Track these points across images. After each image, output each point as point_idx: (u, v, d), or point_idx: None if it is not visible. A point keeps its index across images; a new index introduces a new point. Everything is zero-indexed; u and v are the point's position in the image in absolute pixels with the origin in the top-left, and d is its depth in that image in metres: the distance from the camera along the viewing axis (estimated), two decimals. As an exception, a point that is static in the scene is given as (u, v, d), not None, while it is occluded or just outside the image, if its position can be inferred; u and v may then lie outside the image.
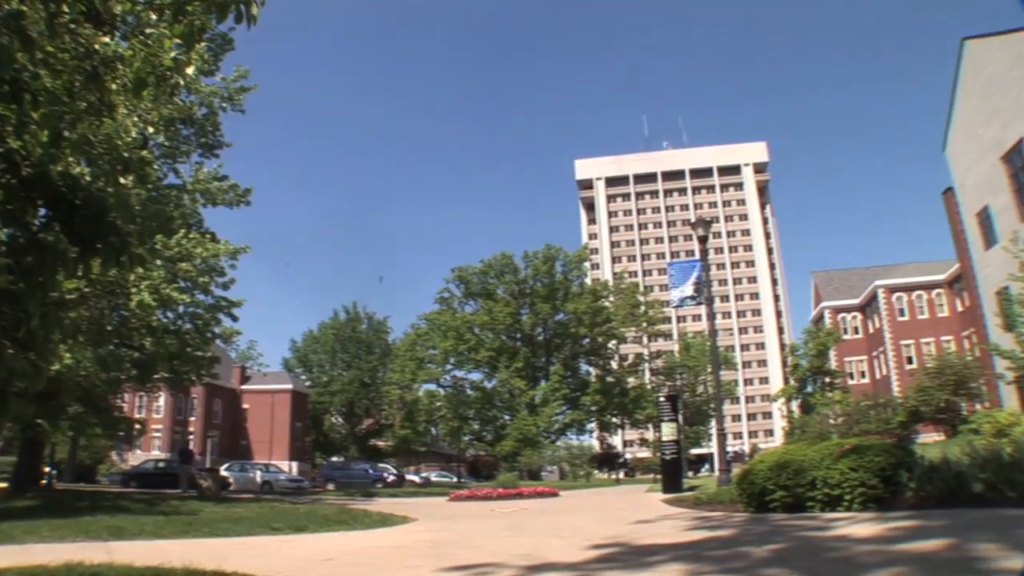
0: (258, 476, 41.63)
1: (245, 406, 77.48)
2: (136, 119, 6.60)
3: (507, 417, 63.68)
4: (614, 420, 68.71)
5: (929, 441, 39.26)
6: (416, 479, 54.67)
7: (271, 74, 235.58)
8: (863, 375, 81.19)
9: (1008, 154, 40.63)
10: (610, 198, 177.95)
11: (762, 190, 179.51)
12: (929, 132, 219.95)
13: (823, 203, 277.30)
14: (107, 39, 5.49)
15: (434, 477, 60.06)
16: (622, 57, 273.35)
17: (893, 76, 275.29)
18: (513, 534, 11.16)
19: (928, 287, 76.27)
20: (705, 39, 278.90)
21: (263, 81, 31.62)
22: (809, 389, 67.71)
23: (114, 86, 5.60)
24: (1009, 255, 30.12)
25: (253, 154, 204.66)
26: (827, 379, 67.57)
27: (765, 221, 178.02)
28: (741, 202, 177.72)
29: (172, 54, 5.54)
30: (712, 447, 78.16)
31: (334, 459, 66.40)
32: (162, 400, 68.03)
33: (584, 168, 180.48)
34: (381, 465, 54.73)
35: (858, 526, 7.52)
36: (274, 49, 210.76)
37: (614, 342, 70.49)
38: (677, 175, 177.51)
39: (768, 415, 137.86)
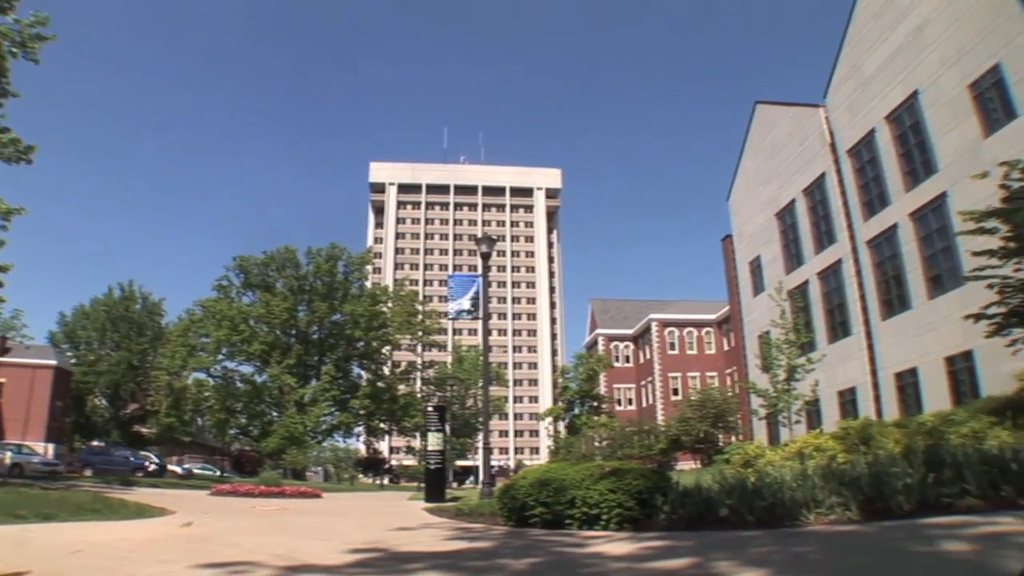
0: (7, 457, 38.40)
1: (1, 380, 72.13)
2: None
3: (275, 414, 61.58)
4: (382, 426, 67.90)
5: (686, 468, 41.54)
6: (178, 470, 52.38)
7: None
8: (631, 402, 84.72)
9: (781, 212, 44.40)
10: (401, 204, 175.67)
11: (551, 215, 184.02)
12: (717, 182, 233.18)
13: (609, 235, 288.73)
14: None
15: (197, 469, 57.78)
16: (433, 67, 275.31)
17: (690, 127, 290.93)
18: (273, 533, 10.81)
19: (699, 325, 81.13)
20: (517, 64, 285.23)
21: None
22: (576, 411, 70.00)
23: None
24: (773, 303, 32.55)
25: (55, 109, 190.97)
26: (594, 403, 70.05)
27: (551, 245, 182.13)
28: (529, 224, 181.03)
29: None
30: (478, 460, 79.24)
31: (94, 443, 62.31)
32: None
33: (379, 171, 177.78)
34: (143, 453, 51.93)
35: (613, 544, 7.73)
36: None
37: (388, 348, 69.77)
38: (470, 190, 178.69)
39: (536, 433, 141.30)
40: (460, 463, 77.98)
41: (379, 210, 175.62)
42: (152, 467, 46.03)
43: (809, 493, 8.40)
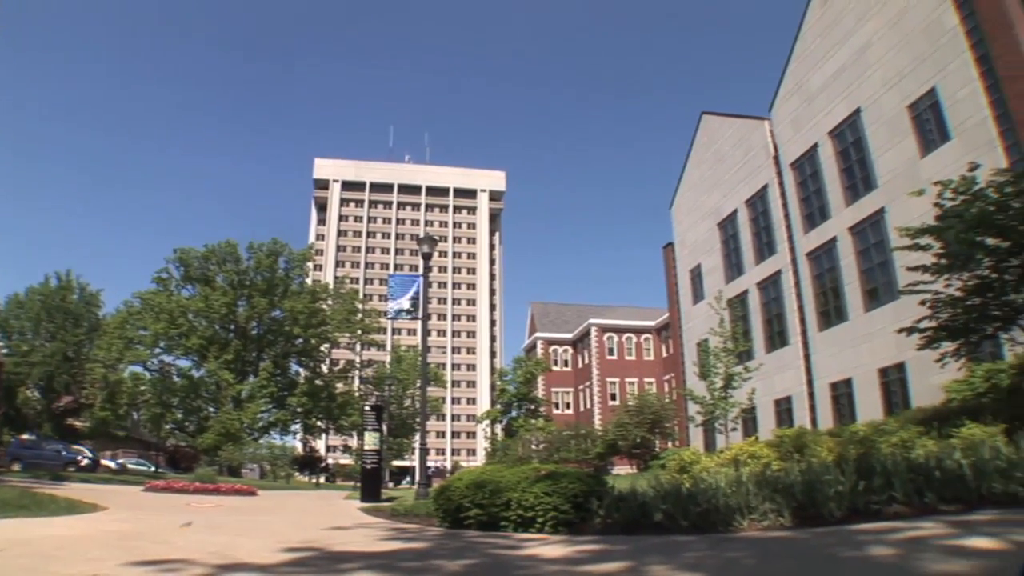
0: (-73, 451, 37.25)
1: (-74, 370, 70.06)
2: None
3: (212, 409, 60.58)
4: (319, 424, 67.13)
5: (623, 473, 41.83)
6: (112, 465, 51.14)
7: None
8: (568, 406, 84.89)
9: (723, 221, 45.04)
10: (344, 202, 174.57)
11: (494, 217, 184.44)
12: (660, 190, 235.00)
13: (551, 239, 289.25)
14: None
15: (131, 464, 56.42)
16: (381, 65, 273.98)
17: (635, 135, 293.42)
18: (207, 531, 10.61)
19: (638, 331, 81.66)
20: (465, 65, 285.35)
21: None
22: (514, 414, 69.61)
23: None
24: (712, 311, 32.97)
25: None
26: (532, 406, 69.93)
27: (493, 247, 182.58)
28: (472, 226, 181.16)
29: None
30: (415, 460, 78.61)
31: (24, 436, 60.97)
32: None
33: (322, 168, 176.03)
34: (76, 447, 50.54)
35: (548, 547, 7.74)
36: None
37: (327, 346, 69.25)
38: (414, 190, 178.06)
39: (473, 435, 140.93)
40: (397, 463, 77.38)
41: (322, 207, 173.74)
42: (85, 462, 44.81)
43: (743, 499, 8.53)
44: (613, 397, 77.19)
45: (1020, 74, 25.14)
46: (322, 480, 67.43)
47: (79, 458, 45.13)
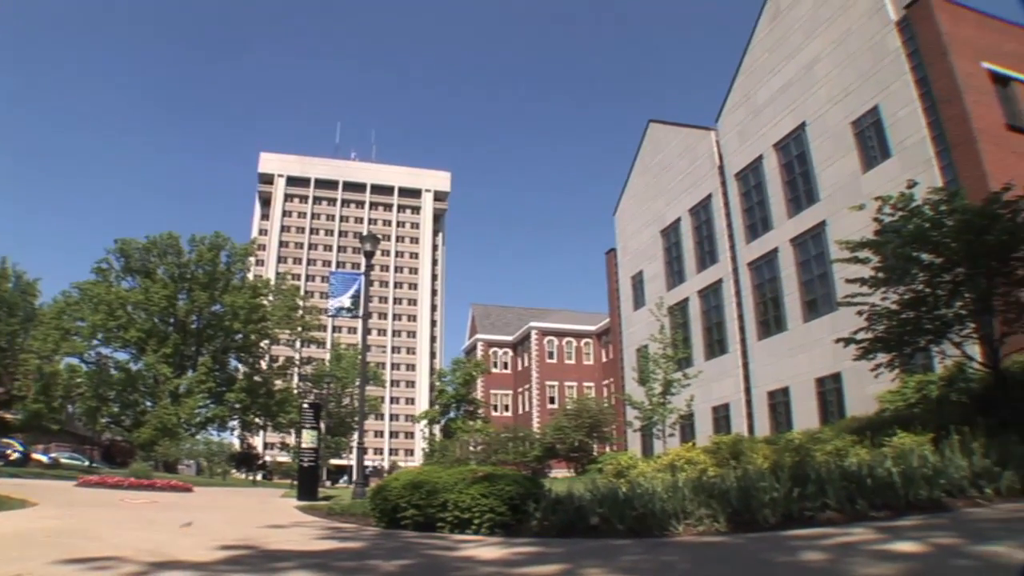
0: None
1: None
2: None
3: (149, 404, 59.38)
4: (257, 420, 66.22)
5: (560, 476, 41.99)
6: (44, 459, 50.02)
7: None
8: (507, 408, 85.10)
9: (666, 229, 45.44)
10: (288, 197, 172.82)
11: (438, 218, 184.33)
12: (605, 196, 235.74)
13: (495, 241, 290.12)
14: None
15: (64, 459, 54.99)
16: (330, 61, 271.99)
17: (582, 141, 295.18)
18: (141, 527, 10.40)
19: (578, 335, 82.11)
20: (414, 65, 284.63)
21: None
22: (452, 415, 69.51)
23: None
24: (653, 318, 33.27)
25: None
26: (471, 407, 69.95)
27: (435, 248, 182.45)
28: (416, 225, 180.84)
29: None
30: (352, 459, 77.78)
31: (-49, 430, 59.37)
32: None
33: (268, 162, 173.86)
34: (6, 440, 49.25)
35: (484, 549, 7.73)
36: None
37: (267, 342, 68.52)
38: (359, 187, 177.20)
39: (411, 435, 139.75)
40: (334, 462, 76.87)
41: (266, 201, 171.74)
42: (15, 455, 43.61)
43: (679, 504, 8.63)
44: (552, 400, 77.51)
45: (955, 98, 25.99)
46: (259, 478, 66.36)
47: (8, 452, 43.89)
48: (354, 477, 24.91)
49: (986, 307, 15.29)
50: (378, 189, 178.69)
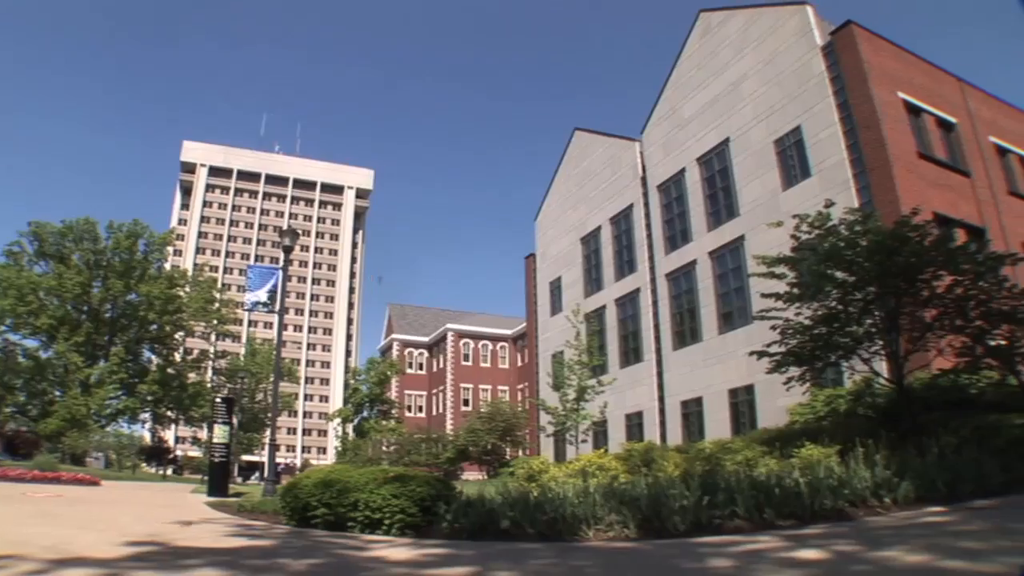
0: None
1: None
2: None
3: (58, 393, 57.81)
4: (169, 414, 64.84)
5: (472, 479, 41.87)
6: (-62, 450, 48.47)
7: None
8: (421, 409, 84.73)
9: (587, 237, 45.74)
10: (210, 187, 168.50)
11: (359, 215, 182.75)
12: (527, 201, 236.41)
13: (416, 242, 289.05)
14: None
15: None
16: (259, 51, 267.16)
17: (508, 146, 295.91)
18: (43, 523, 10.13)
19: (495, 338, 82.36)
20: (343, 60, 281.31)
21: None
22: (366, 414, 69.23)
23: None
24: (569, 324, 33.47)
25: None
26: (385, 407, 69.68)
27: (355, 246, 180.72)
28: (336, 222, 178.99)
29: None
30: (265, 456, 76.23)
31: None
32: None
33: (191, 150, 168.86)
34: None
35: (394, 550, 7.77)
36: None
37: (182, 334, 67.22)
38: (282, 181, 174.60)
39: (324, 433, 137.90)
40: (246, 458, 75.36)
41: (187, 191, 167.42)
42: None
43: (590, 510, 8.72)
44: (466, 403, 77.48)
45: (873, 124, 26.88)
46: (169, 472, 64.77)
47: None
48: (266, 474, 24.64)
49: (893, 325, 15.77)
50: (301, 184, 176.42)
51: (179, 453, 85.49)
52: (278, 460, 24.07)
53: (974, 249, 17.58)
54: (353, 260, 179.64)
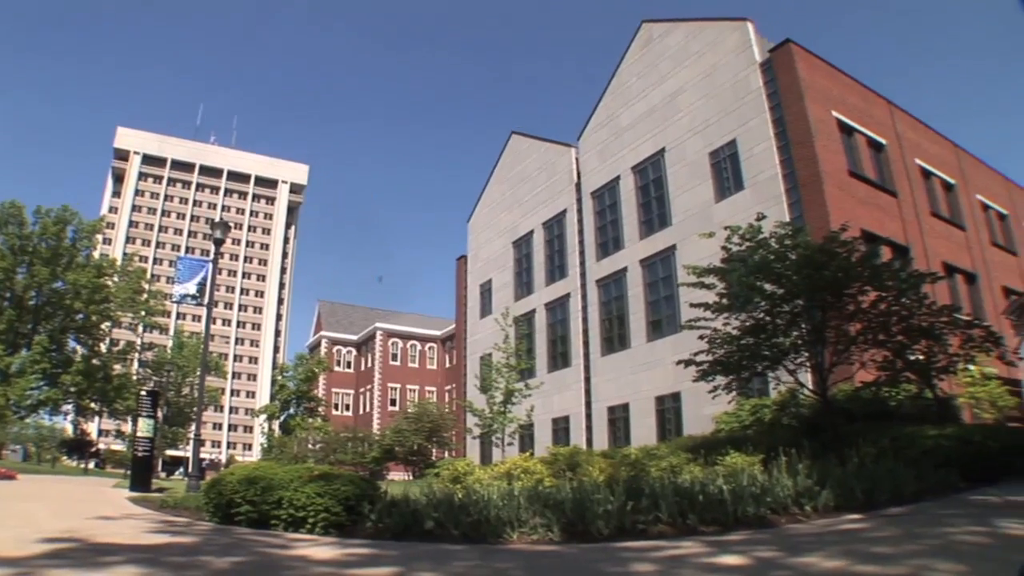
0: None
1: None
2: None
3: (-24, 383, 56.66)
4: (93, 406, 63.09)
5: (398, 479, 41.69)
6: None
7: None
8: (348, 408, 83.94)
9: (519, 240, 45.82)
10: (143, 176, 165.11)
11: (293, 210, 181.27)
12: (462, 202, 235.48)
13: (349, 239, 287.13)
14: None
15: None
16: (199, 39, 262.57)
17: (446, 148, 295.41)
18: None
19: (424, 339, 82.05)
20: (281, 54, 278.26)
21: None
22: (292, 411, 68.57)
23: None
24: (498, 327, 33.67)
25: None
26: (311, 405, 69.13)
27: (287, 241, 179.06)
28: (269, 216, 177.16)
29: None
30: (190, 451, 74.54)
31: None
32: None
33: (124, 137, 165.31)
34: None
35: (318, 548, 7.74)
36: None
37: (108, 324, 65.64)
38: (216, 173, 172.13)
39: (250, 429, 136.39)
40: (171, 453, 74.15)
41: (119, 178, 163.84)
42: None
43: (514, 513, 8.76)
44: (393, 403, 77.00)
45: (806, 141, 27.43)
46: (91, 466, 63.32)
47: None
48: (190, 469, 24.28)
49: (819, 338, 16.06)
50: (235, 176, 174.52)
51: (102, 447, 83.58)
52: (203, 456, 23.73)
53: (898, 267, 18.08)
54: (284, 255, 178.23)
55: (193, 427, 36.65)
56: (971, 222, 35.21)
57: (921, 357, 16.75)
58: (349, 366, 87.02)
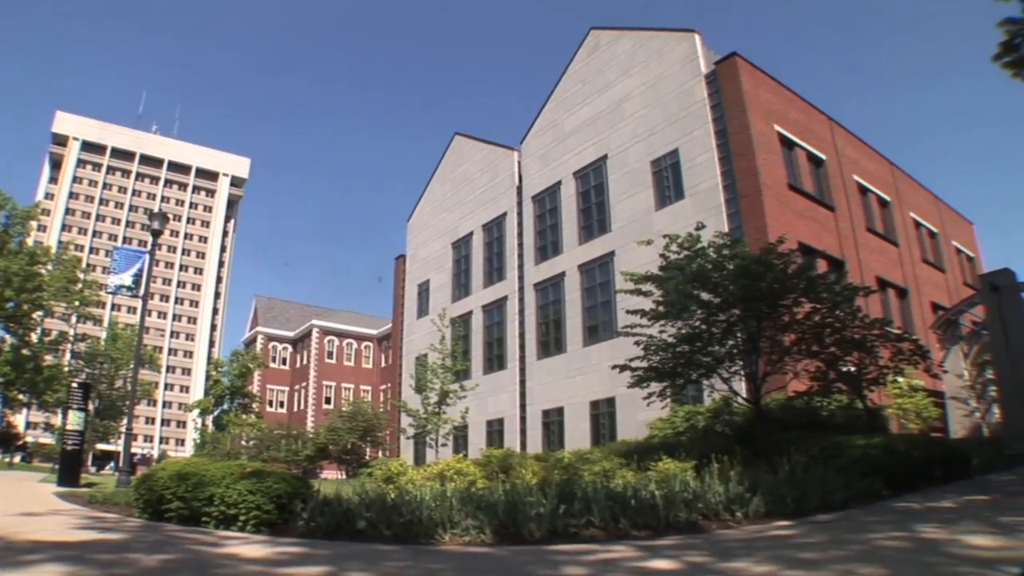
0: None
1: None
2: None
3: None
4: (21, 397, 61.71)
5: (331, 478, 41.45)
6: None
7: None
8: (283, 405, 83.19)
9: (458, 242, 45.75)
10: (81, 163, 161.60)
11: (233, 204, 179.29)
12: (402, 202, 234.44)
13: (288, 235, 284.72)
14: None
15: None
16: (143, 21, 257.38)
17: (387, 146, 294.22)
18: None
19: (360, 338, 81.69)
20: (226, 46, 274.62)
21: None
22: (226, 407, 67.82)
23: None
24: (435, 328, 33.64)
25: None
26: (245, 401, 68.46)
27: (226, 234, 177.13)
28: (209, 209, 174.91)
29: None
30: (121, 445, 73.40)
31: None
32: None
33: (63, 122, 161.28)
34: None
35: (249, 547, 7.65)
36: None
37: (40, 313, 64.43)
38: (156, 163, 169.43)
39: (184, 424, 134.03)
40: (101, 447, 72.63)
41: (56, 164, 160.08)
42: None
43: (446, 514, 8.73)
44: (328, 401, 76.59)
45: (748, 153, 27.86)
46: (18, 460, 61.62)
47: None
48: (121, 464, 23.84)
49: (754, 347, 16.26)
50: (176, 167, 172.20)
51: (30, 440, 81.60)
52: (134, 450, 23.33)
53: (833, 279, 18.43)
54: (223, 249, 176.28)
55: (125, 421, 35.86)
56: (904, 238, 36.08)
57: (853, 368, 17.12)
58: (285, 363, 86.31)
